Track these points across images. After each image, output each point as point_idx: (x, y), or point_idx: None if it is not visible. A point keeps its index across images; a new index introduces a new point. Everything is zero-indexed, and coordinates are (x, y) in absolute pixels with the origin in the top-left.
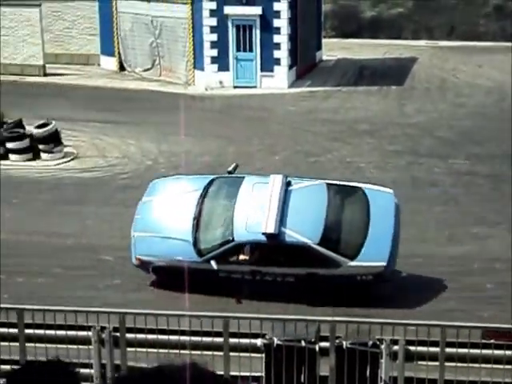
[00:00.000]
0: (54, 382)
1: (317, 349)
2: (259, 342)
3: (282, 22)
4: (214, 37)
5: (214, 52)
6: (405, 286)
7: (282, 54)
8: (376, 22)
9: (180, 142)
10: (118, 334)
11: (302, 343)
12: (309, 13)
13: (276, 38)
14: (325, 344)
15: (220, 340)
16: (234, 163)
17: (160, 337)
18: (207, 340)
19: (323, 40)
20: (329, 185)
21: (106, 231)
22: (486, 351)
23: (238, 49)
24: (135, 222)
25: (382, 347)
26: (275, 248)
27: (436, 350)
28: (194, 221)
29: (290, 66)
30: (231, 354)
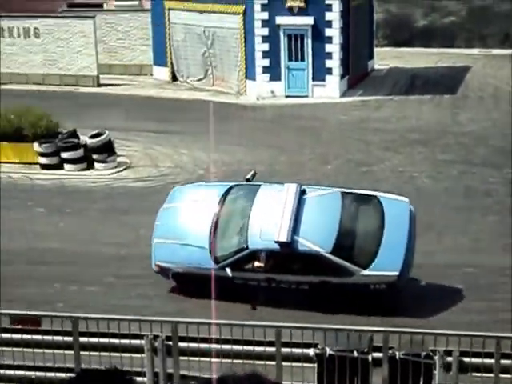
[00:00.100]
0: None
1: (369, 359)
2: (311, 351)
3: (334, 32)
4: (266, 46)
5: (266, 62)
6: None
7: (334, 63)
8: (428, 31)
9: (232, 151)
10: (170, 343)
11: (355, 353)
12: (361, 22)
13: (328, 48)
14: (378, 354)
15: (272, 350)
16: (253, 171)
17: (212, 346)
18: (259, 349)
19: (375, 49)
20: (344, 193)
21: None
22: None
23: (290, 58)
24: (155, 228)
25: (436, 358)
26: (288, 256)
27: (491, 361)
28: (212, 228)
29: (342, 76)
30: (283, 363)
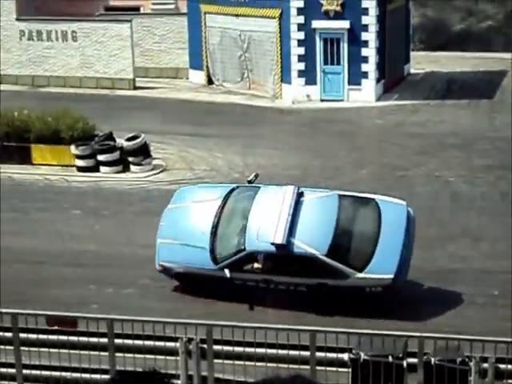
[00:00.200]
0: None
1: (404, 364)
2: (346, 356)
3: (370, 36)
4: (302, 50)
5: (302, 65)
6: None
7: (370, 67)
8: (465, 35)
9: (267, 155)
10: (204, 346)
11: (390, 358)
12: (397, 26)
13: (364, 52)
14: (412, 360)
15: (306, 354)
16: (255, 172)
17: (247, 349)
18: (294, 353)
19: (411, 53)
20: (341, 196)
21: None
22: None
23: (326, 62)
24: (159, 228)
25: (471, 364)
26: (285, 258)
27: None
28: (213, 229)
29: (378, 80)
30: (317, 368)
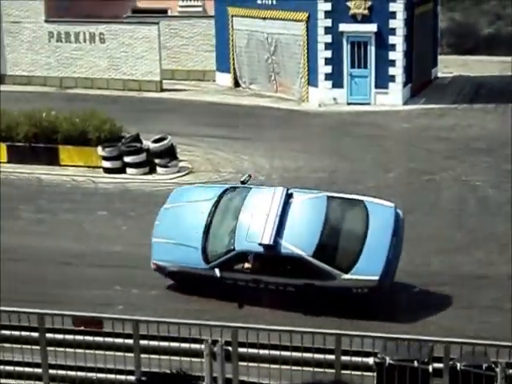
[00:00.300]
0: None
1: (430, 369)
2: (371, 360)
3: (398, 39)
4: (329, 53)
5: (329, 69)
6: None
7: (397, 70)
8: (493, 39)
9: (293, 158)
10: (229, 348)
11: (415, 363)
12: (425, 29)
13: (391, 55)
14: (438, 365)
15: (332, 357)
16: (247, 173)
17: (272, 352)
18: (319, 357)
19: (439, 57)
20: (329, 197)
21: None
22: None
23: (353, 65)
24: (155, 228)
25: (497, 370)
26: (272, 258)
27: None
28: (205, 229)
29: (405, 83)
30: (342, 371)
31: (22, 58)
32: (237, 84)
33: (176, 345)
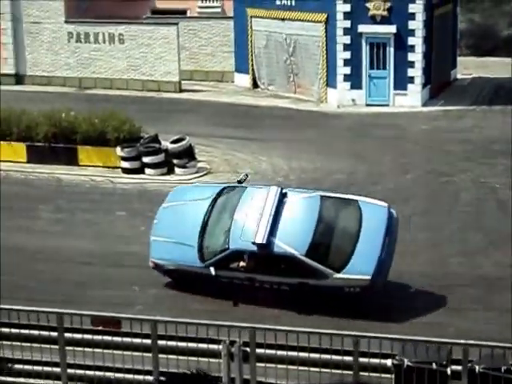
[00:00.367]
0: None
1: (448, 372)
2: (389, 362)
3: (417, 40)
4: (348, 55)
5: (347, 70)
6: None
7: (416, 72)
8: None
9: (311, 159)
10: (247, 349)
11: (433, 365)
12: (444, 31)
13: (410, 56)
14: (456, 367)
15: (350, 359)
16: (244, 173)
17: (289, 353)
18: (337, 358)
19: (458, 58)
20: (323, 197)
21: None
22: None
23: (372, 67)
24: (153, 226)
25: None
26: (266, 257)
27: None
28: (201, 227)
29: (424, 85)
30: (361, 373)
31: (42, 58)
32: (255, 85)
33: (194, 345)
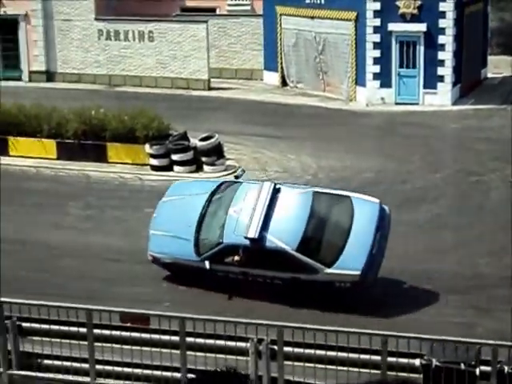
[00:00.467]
0: None
1: (477, 372)
2: (417, 362)
3: (447, 39)
4: (377, 53)
5: (377, 68)
6: None
7: (446, 70)
8: None
9: (340, 157)
10: (275, 347)
11: (462, 366)
12: (474, 29)
13: (440, 55)
14: (485, 368)
15: (377, 358)
16: (241, 168)
17: (318, 352)
18: (365, 357)
19: (489, 57)
20: (315, 193)
21: None
22: None
23: (401, 65)
24: (152, 220)
25: None
26: (259, 252)
27: None
28: (198, 222)
29: (454, 83)
30: (388, 372)
31: (72, 55)
32: (284, 83)
33: (222, 343)
